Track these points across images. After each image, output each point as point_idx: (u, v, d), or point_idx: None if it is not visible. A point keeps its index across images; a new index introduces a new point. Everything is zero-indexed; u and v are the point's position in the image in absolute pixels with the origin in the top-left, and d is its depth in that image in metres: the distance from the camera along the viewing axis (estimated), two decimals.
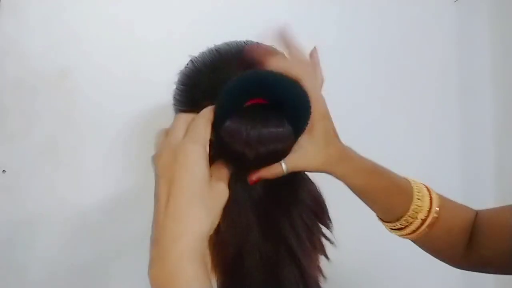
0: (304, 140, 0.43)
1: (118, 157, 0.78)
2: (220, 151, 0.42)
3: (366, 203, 0.52)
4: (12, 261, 0.74)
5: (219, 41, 0.49)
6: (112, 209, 0.78)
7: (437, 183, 0.54)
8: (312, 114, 0.42)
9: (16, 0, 0.73)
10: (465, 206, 0.56)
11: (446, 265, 0.57)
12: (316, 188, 0.48)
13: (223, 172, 0.42)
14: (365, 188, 0.49)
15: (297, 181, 0.47)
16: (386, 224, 0.54)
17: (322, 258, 0.47)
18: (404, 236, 0.53)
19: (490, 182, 1.01)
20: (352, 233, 0.83)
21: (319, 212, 0.47)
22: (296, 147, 0.43)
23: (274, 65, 0.42)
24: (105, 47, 0.77)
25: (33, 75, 0.74)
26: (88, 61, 0.76)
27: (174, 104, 0.49)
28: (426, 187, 0.53)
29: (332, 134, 0.46)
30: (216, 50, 0.47)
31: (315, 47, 0.48)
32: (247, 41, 0.48)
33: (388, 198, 0.51)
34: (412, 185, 0.52)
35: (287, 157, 0.43)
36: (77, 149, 0.76)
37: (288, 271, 0.44)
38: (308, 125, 0.42)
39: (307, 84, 0.42)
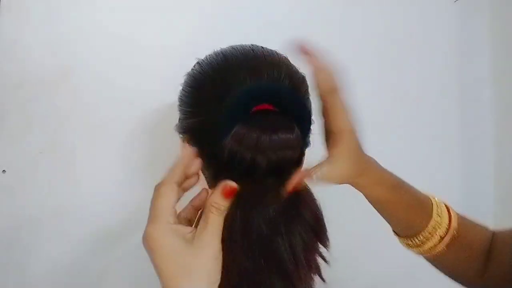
0: (334, 153, 0.43)
1: (118, 157, 0.78)
2: (225, 165, 0.40)
3: (383, 216, 0.51)
4: (12, 261, 0.74)
5: (220, 45, 0.49)
6: (112, 209, 0.78)
7: (437, 184, 0.54)
8: (342, 128, 0.42)
9: (16, 0, 0.73)
10: (482, 225, 0.54)
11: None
12: (317, 204, 0.46)
13: (214, 218, 0.39)
14: (384, 202, 0.48)
15: (300, 195, 0.44)
16: (402, 239, 0.53)
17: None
18: (420, 253, 0.52)
19: (490, 182, 1.01)
20: (348, 235, 0.83)
21: (318, 230, 0.45)
22: (328, 159, 0.43)
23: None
24: (105, 48, 0.77)
25: (33, 75, 0.74)
26: (89, 61, 0.76)
27: (180, 105, 0.49)
28: (446, 205, 0.52)
29: (359, 148, 0.45)
30: (222, 53, 0.47)
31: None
32: (252, 45, 0.48)
33: (407, 213, 0.50)
34: (432, 201, 0.51)
35: (319, 168, 0.42)
36: (77, 149, 0.76)
37: None
38: (338, 138, 0.42)
39: (340, 96, 0.42)
